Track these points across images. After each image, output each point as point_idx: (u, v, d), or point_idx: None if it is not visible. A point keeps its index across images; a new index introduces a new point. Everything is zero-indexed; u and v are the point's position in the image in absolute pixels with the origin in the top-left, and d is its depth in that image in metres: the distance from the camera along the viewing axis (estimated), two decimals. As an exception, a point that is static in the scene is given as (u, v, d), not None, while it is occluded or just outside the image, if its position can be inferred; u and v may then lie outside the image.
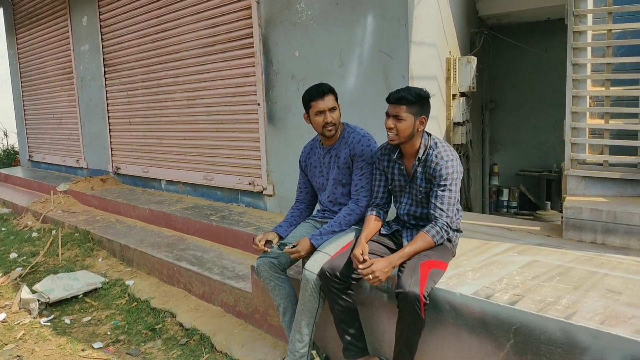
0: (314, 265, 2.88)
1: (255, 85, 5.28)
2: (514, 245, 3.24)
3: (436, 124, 4.23)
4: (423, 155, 2.80)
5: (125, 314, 4.19)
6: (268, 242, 3.12)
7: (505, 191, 6.51)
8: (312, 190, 3.44)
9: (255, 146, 5.43)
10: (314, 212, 3.44)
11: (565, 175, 3.45)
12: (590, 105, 3.40)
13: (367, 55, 4.21)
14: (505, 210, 6.54)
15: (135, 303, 4.35)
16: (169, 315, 4.08)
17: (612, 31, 3.20)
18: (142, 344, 3.71)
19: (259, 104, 5.27)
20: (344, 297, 2.82)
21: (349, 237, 3.04)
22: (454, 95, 4.47)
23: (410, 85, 3.93)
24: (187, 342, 3.67)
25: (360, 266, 2.65)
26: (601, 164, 3.34)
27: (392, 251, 2.90)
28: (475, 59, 4.58)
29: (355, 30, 4.26)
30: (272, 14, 4.98)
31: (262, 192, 5.41)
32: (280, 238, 3.23)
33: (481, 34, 5.41)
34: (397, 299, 2.52)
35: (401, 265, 2.67)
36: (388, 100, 2.78)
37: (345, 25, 4.33)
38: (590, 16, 3.29)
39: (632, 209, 3.02)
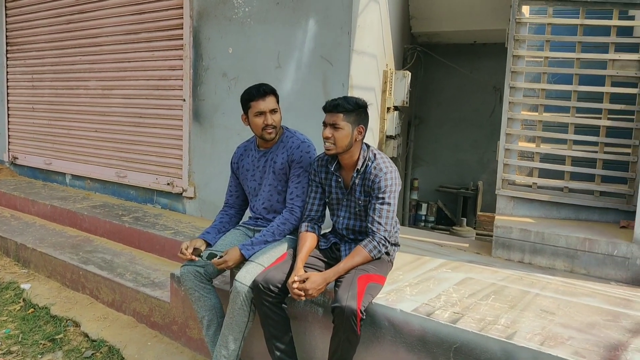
0: (246, 276, 2.69)
1: (182, 79, 4.99)
2: (446, 261, 3.24)
3: (371, 136, 4.19)
4: (362, 167, 2.70)
5: (20, 321, 3.73)
6: (195, 250, 2.88)
7: (424, 205, 6.66)
8: (244, 195, 3.24)
9: (177, 144, 5.12)
10: (245, 219, 3.24)
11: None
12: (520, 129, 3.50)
13: (306, 59, 4.10)
14: (422, 224, 6.69)
15: (32, 310, 3.89)
16: (72, 324, 3.67)
17: (548, 59, 3.32)
18: (40, 356, 3.30)
19: (184, 100, 4.98)
20: (277, 311, 2.65)
21: (283, 247, 2.88)
22: (388, 109, 4.47)
23: (349, 94, 3.86)
24: (93, 354, 3.31)
25: (295, 285, 2.51)
26: (530, 186, 3.45)
27: (329, 265, 2.78)
28: (409, 74, 4.62)
29: (296, 33, 4.13)
30: (205, 6, 4.73)
31: (181, 193, 5.10)
32: (208, 245, 3.00)
33: (414, 51, 5.49)
34: (333, 314, 2.40)
35: (338, 279, 2.56)
36: (325, 108, 2.66)
37: (285, 27, 4.19)
38: (526, 43, 3.40)
39: (559, 230, 3.12)
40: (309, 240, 2.79)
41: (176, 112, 5.08)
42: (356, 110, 2.62)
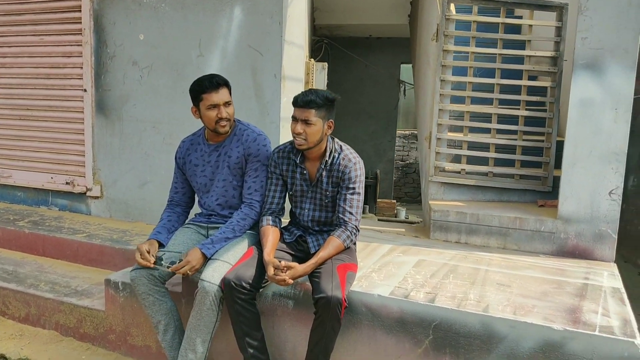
0: (214, 275, 2.56)
1: (82, 68, 4.53)
2: (393, 246, 3.37)
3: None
4: (329, 158, 2.72)
5: None
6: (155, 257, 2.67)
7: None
8: (190, 191, 3.07)
9: (78, 139, 4.64)
10: (193, 216, 3.07)
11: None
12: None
13: (232, 49, 3.96)
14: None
15: None
16: (-20, 347, 3.20)
17: (474, 54, 3.60)
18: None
19: (85, 90, 4.53)
20: (249, 307, 2.57)
21: (245, 243, 2.79)
22: (310, 100, 4.49)
23: (281, 86, 3.82)
24: (19, 378, 2.92)
25: (284, 276, 2.45)
26: (459, 172, 3.72)
27: (296, 257, 2.76)
28: (327, 65, 4.69)
29: (219, 21, 3.97)
30: (109, -12, 4.35)
31: (85, 193, 4.65)
32: (161, 246, 2.80)
33: (321, 42, 5.58)
34: (317, 305, 2.39)
35: (314, 271, 2.55)
36: (295, 103, 2.62)
37: (206, 14, 4.01)
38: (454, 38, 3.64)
39: (492, 212, 3.42)
40: (272, 234, 2.73)
41: (75, 104, 4.61)
42: (326, 105, 2.61)
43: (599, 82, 3.07)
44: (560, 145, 3.64)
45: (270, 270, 2.50)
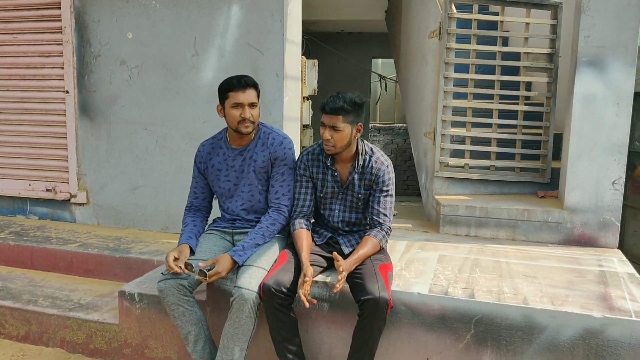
0: (251, 282, 2.51)
1: (63, 68, 4.29)
2: (409, 242, 3.41)
3: (294, 126, 4.15)
4: (362, 162, 2.72)
5: None
6: (187, 265, 2.58)
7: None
8: (210, 196, 2.99)
9: (60, 143, 4.40)
10: (212, 222, 3.00)
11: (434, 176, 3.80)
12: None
13: (230, 47, 3.87)
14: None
15: None
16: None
17: (475, 51, 3.68)
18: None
19: (67, 92, 4.30)
20: (288, 312, 2.55)
21: (276, 247, 2.75)
22: (304, 98, 4.46)
23: (283, 85, 3.77)
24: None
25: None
26: (462, 167, 3.80)
27: (326, 259, 2.75)
28: (317, 62, 4.67)
29: (216, 19, 3.86)
30: (92, -16, 4.14)
31: (69, 200, 4.42)
32: (191, 252, 2.72)
33: (304, 39, 5.54)
34: (363, 306, 2.39)
35: (355, 271, 2.55)
36: (323, 110, 2.60)
37: (201, 12, 3.89)
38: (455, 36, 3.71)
39: (499, 204, 3.52)
40: (306, 237, 2.71)
41: (56, 106, 4.36)
42: (355, 109, 2.60)
43: (601, 79, 3.22)
44: (557, 138, 3.81)
45: (309, 273, 2.47)
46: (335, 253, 2.51)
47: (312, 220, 2.86)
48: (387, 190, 2.70)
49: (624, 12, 3.14)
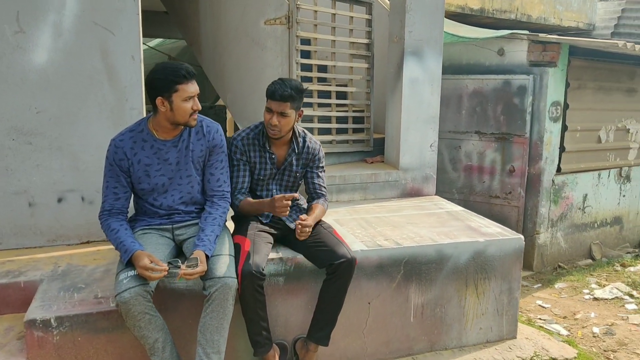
0: (230, 270, 2.53)
1: None
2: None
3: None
4: (300, 143, 2.94)
5: None
6: (170, 263, 2.39)
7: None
8: (130, 196, 2.71)
9: None
10: (141, 220, 2.74)
11: None
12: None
13: (69, 25, 3.35)
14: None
15: None
16: None
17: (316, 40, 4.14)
18: None
19: None
20: (262, 292, 2.66)
21: (228, 234, 2.79)
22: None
23: (141, 69, 3.51)
24: None
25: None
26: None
27: (274, 236, 2.90)
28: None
29: (48, -9, 3.29)
30: None
31: None
32: None
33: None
34: (338, 268, 2.69)
35: (314, 241, 2.79)
36: (273, 97, 2.75)
37: (27, -19, 3.25)
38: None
39: (353, 172, 4.13)
40: (252, 199, 2.88)
41: None
42: (299, 96, 2.80)
43: (421, 65, 4.13)
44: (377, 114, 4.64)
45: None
46: (302, 216, 2.72)
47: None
48: (322, 166, 3.01)
49: (434, 13, 4.09)
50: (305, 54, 4.25)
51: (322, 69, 4.34)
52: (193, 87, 2.54)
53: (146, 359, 2.69)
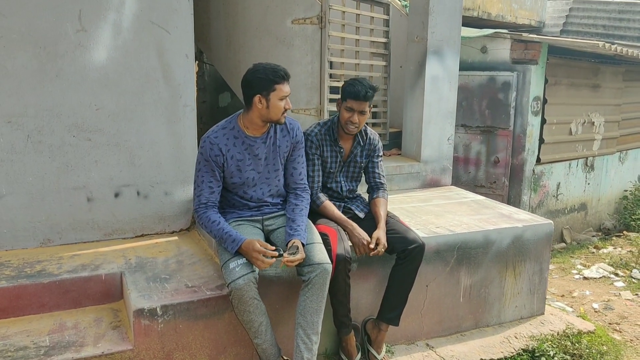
0: (325, 256, 2.74)
1: None
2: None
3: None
4: (364, 136, 3.18)
5: None
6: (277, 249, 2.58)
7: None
8: (221, 190, 2.87)
9: None
10: (232, 212, 2.89)
11: None
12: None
13: (128, 24, 3.40)
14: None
15: None
16: None
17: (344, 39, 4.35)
18: None
19: None
20: (349, 276, 2.87)
21: (310, 222, 2.98)
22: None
23: (193, 67, 3.61)
24: None
25: (380, 248, 2.89)
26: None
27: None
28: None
29: (107, -11, 3.32)
30: None
31: None
32: None
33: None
34: (411, 253, 2.93)
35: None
36: (356, 97, 2.95)
37: (85, -21, 3.26)
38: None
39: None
40: (334, 206, 3.06)
41: None
42: (374, 94, 3.04)
43: (441, 64, 4.44)
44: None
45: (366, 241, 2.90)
46: (376, 238, 2.92)
47: None
48: (381, 156, 3.26)
49: (453, 15, 4.40)
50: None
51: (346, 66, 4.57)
52: (288, 87, 2.72)
53: (237, 343, 2.87)
